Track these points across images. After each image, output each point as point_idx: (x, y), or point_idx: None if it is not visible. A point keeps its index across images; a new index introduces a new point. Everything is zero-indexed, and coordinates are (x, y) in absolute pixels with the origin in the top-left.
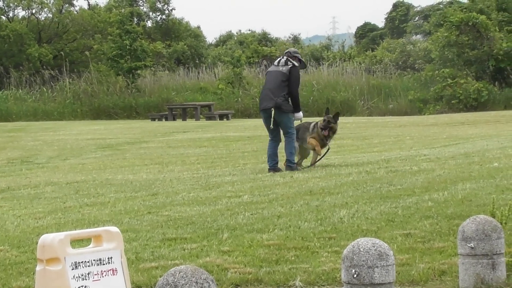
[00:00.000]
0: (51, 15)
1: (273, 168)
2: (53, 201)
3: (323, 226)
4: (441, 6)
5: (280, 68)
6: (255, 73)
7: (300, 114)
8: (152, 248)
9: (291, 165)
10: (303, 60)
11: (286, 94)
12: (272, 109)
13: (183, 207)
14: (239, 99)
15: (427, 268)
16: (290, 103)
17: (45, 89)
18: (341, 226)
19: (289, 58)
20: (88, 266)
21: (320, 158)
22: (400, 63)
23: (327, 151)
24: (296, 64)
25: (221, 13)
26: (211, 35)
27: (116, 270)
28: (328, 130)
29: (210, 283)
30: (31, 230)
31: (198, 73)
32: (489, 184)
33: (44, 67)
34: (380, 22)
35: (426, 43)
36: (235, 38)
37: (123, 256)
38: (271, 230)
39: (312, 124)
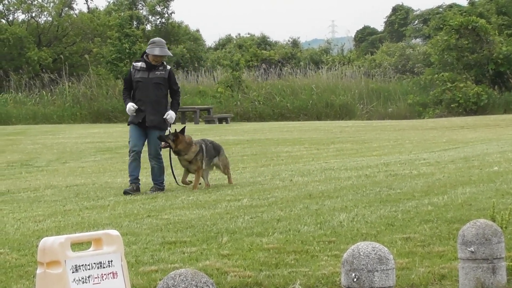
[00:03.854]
0: (50, 19)
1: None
2: (53, 204)
3: (322, 230)
4: (441, 9)
5: None
6: (255, 77)
7: (127, 109)
8: (152, 252)
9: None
10: (147, 52)
11: None
12: None
13: (182, 211)
14: (238, 103)
15: (427, 272)
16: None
17: (44, 93)
18: (340, 230)
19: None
20: (89, 269)
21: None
22: (399, 66)
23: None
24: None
25: (220, 17)
26: (210, 39)
27: (116, 273)
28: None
29: (210, 286)
30: (31, 233)
31: (197, 76)
32: (489, 188)
33: (44, 70)
34: (379, 26)
35: (425, 47)
36: (234, 42)
37: (123, 259)
38: (270, 233)
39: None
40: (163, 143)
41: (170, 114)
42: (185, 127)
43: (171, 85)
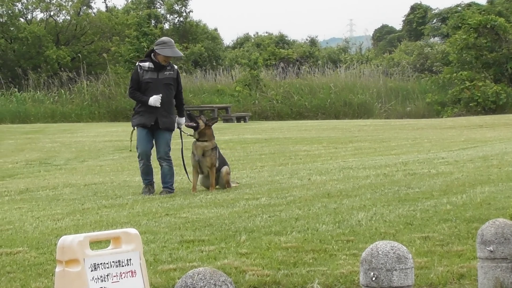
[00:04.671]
0: (69, 17)
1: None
2: (71, 203)
3: (341, 229)
4: (459, 8)
5: None
6: (273, 75)
7: (151, 100)
8: (170, 250)
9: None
10: (157, 52)
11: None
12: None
13: (201, 209)
14: (257, 102)
15: (445, 271)
16: (138, 115)
17: (63, 91)
18: (359, 229)
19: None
20: (107, 267)
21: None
22: (417, 65)
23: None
24: (137, 63)
25: (239, 16)
26: (228, 38)
27: (135, 272)
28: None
29: (229, 285)
30: (49, 232)
31: (216, 75)
32: (508, 187)
33: (62, 69)
34: (397, 25)
35: (444, 46)
36: (252, 41)
37: (142, 258)
38: (289, 232)
39: None
40: (191, 122)
41: (181, 120)
42: (217, 118)
43: (177, 85)
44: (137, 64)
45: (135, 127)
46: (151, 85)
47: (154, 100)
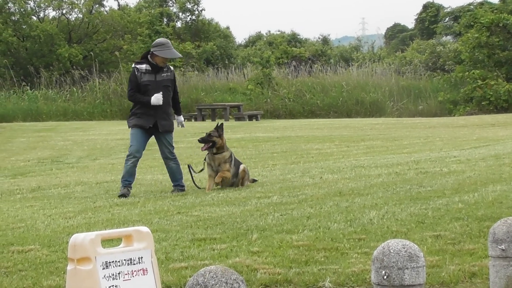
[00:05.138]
0: (81, 16)
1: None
2: (83, 201)
3: (352, 227)
4: (472, 7)
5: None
6: (285, 74)
7: (153, 99)
8: (182, 248)
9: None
10: (156, 54)
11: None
12: None
13: (212, 208)
14: (269, 100)
15: (457, 270)
16: (136, 116)
17: (75, 89)
18: (370, 227)
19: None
20: (119, 266)
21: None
22: (430, 64)
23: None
24: (133, 65)
25: (251, 14)
26: (240, 36)
27: (146, 270)
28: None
29: (240, 283)
30: (61, 230)
31: (227, 73)
32: None
33: (74, 67)
34: (410, 23)
35: (456, 44)
36: (265, 39)
37: (154, 256)
38: (300, 231)
39: None
40: (204, 144)
41: (180, 118)
42: (223, 123)
43: (174, 86)
44: (133, 66)
45: (131, 127)
46: (149, 88)
47: (156, 98)
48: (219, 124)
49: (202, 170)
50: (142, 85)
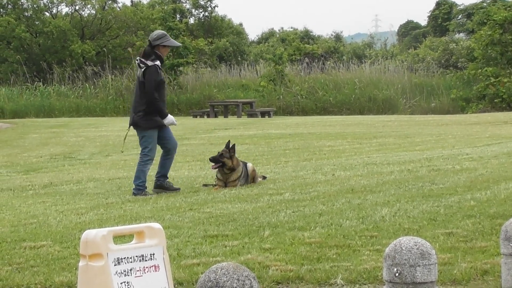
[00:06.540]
0: (94, 12)
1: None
2: (95, 197)
3: (364, 225)
4: (485, 4)
5: (138, 74)
6: (297, 71)
7: (170, 119)
8: (194, 245)
9: (136, 190)
10: (164, 44)
11: (146, 106)
12: (128, 128)
13: (224, 204)
14: (281, 97)
15: (469, 267)
16: (155, 116)
17: (87, 85)
18: (382, 224)
19: (141, 59)
20: (131, 262)
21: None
22: (442, 61)
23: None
24: (150, 63)
25: (264, 11)
26: (253, 33)
27: (158, 267)
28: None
29: (252, 280)
30: (73, 226)
31: (240, 70)
32: None
33: (87, 63)
34: (423, 20)
35: (469, 42)
36: (277, 36)
37: (165, 252)
38: (312, 228)
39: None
40: (214, 164)
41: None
42: (235, 144)
43: None
44: (154, 64)
45: (150, 129)
46: (163, 85)
47: (173, 120)
48: (231, 146)
49: (214, 185)
50: (160, 83)
